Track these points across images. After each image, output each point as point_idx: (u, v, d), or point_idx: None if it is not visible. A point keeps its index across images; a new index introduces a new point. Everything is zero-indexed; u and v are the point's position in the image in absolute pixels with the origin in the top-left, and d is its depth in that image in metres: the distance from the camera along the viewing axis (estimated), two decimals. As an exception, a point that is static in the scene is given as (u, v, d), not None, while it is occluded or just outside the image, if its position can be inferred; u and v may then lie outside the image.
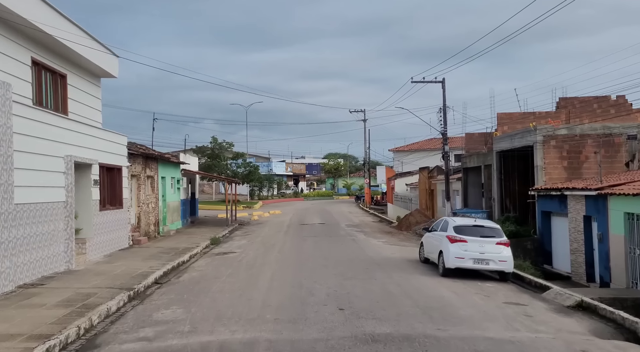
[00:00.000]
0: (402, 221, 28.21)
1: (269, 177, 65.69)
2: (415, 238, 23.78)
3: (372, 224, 31.87)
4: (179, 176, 29.18)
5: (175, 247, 19.81)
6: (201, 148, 49.78)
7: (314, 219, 35.83)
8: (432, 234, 15.10)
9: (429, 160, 57.76)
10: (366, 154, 60.46)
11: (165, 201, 26.23)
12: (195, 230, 27.72)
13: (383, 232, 26.60)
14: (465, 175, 30.29)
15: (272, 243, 21.51)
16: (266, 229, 28.95)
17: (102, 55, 18.55)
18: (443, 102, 27.63)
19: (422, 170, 42.24)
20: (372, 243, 21.27)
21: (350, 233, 25.51)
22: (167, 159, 25.21)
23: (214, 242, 22.37)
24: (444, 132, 27.86)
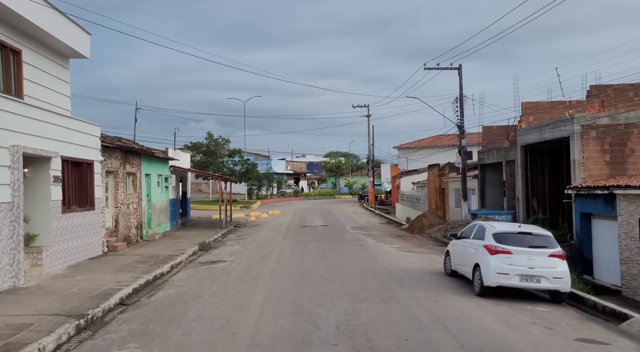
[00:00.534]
0: (414, 223, 25.46)
1: (268, 176, 62.89)
2: (431, 243, 21.04)
3: (380, 226, 29.12)
4: (167, 173, 26.44)
5: (157, 255, 17.09)
6: (196, 144, 47.02)
7: (315, 220, 33.09)
8: (463, 243, 12.34)
9: (436, 157, 55.08)
10: (370, 151, 57.70)
11: (150, 201, 23.50)
12: (184, 233, 24.98)
13: (393, 235, 23.86)
14: (483, 172, 27.54)
15: (268, 249, 18.78)
16: (263, 232, 26.22)
17: (69, 30, 15.82)
18: (460, 91, 24.87)
19: (431, 168, 39.49)
20: (383, 249, 18.53)
21: (357, 237, 22.77)
22: (151, 154, 22.47)
23: (202, 248, 19.65)
24: (460, 125, 25.10)
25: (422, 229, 24.47)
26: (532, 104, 23.15)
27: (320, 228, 27.44)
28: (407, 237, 22.88)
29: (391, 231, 26.03)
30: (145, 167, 22.59)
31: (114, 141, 17.97)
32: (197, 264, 15.97)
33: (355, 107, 56.94)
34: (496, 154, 25.19)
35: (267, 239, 22.43)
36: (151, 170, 23.59)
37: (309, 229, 27.24)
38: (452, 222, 22.68)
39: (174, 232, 25.62)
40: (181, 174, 30.42)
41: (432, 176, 39.02)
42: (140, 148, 21.04)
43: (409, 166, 59.72)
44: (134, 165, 21.00)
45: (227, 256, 17.57)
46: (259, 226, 30.25)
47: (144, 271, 14.06)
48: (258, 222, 32.56)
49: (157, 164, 24.62)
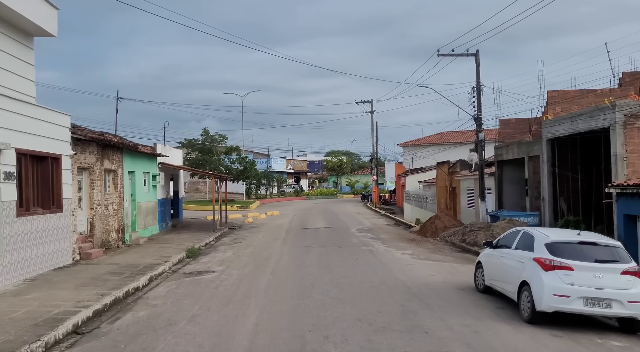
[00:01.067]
0: (427, 226, 23.14)
1: (268, 174, 60.53)
2: (447, 248, 18.72)
3: (388, 229, 26.78)
4: (155, 170, 24.14)
5: (135, 264, 14.79)
6: (191, 141, 44.66)
7: (318, 221, 30.77)
8: (502, 253, 9.99)
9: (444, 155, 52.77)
10: (374, 148, 55.37)
11: (134, 202, 21.19)
12: (173, 237, 22.68)
13: (404, 239, 21.54)
14: (500, 169, 25.22)
15: (265, 257, 16.47)
16: (260, 235, 23.91)
17: (32, 3, 13.53)
18: (477, 80, 22.54)
19: (440, 166, 37.19)
20: (396, 257, 16.21)
21: (364, 241, 20.45)
22: (134, 149, 20.14)
23: (190, 254, 17.36)
24: (477, 116, 22.74)
25: (436, 232, 22.14)
26: (559, 92, 20.82)
27: (322, 231, 25.13)
28: (419, 242, 20.55)
29: (401, 234, 23.70)
30: (128, 164, 20.29)
31: (87, 133, 15.65)
32: (180, 276, 13.66)
33: (359, 103, 54.63)
34: (517, 149, 22.85)
35: (264, 244, 20.13)
36: (136, 168, 21.29)
37: (311, 231, 24.93)
38: (470, 225, 20.36)
39: (162, 235, 23.32)
40: (172, 171, 28.13)
41: (441, 174, 36.71)
42: (120, 142, 18.73)
43: (414, 164, 57.46)
44: (114, 162, 18.69)
45: (216, 264, 15.26)
46: (256, 228, 27.94)
47: (115, 285, 11.76)
48: (255, 224, 30.25)
49: (143, 161, 22.32)
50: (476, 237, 17.98)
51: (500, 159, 24.91)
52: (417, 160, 57.23)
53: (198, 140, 44.80)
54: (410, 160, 58.57)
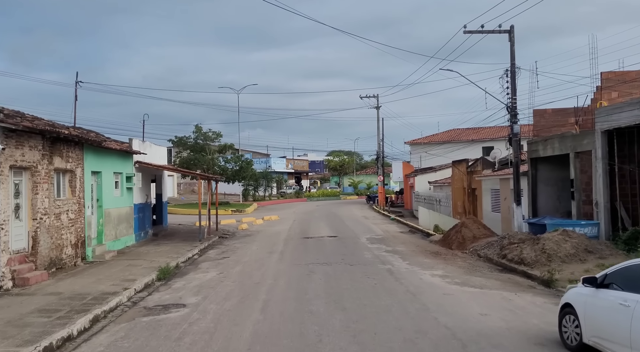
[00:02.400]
0: (451, 235, 19.47)
1: (266, 175, 56.75)
2: (484, 266, 15.06)
3: (404, 238, 23.08)
4: (130, 170, 20.52)
5: (84, 293, 11.19)
6: (181, 139, 40.93)
7: (321, 228, 27.10)
8: (621, 299, 6.31)
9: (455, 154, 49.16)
10: (379, 146, 51.69)
11: (101, 208, 17.58)
12: (150, 249, 19.06)
13: (427, 253, 17.86)
14: (534, 168, 21.53)
15: (255, 281, 12.83)
16: (254, 246, 20.28)
17: None
18: (511, 61, 18.83)
19: (456, 164, 33.55)
20: (425, 281, 12.53)
21: (380, 256, 16.77)
22: (97, 144, 16.47)
23: (163, 275, 13.74)
24: (511, 105, 19.04)
25: (463, 244, 18.49)
26: (616, 74, 17.23)
27: (327, 241, 21.47)
28: (447, 257, 16.88)
29: (421, 246, 20.02)
30: (91, 162, 16.67)
31: (22, 120, 11.95)
32: (138, 313, 10.01)
33: (364, 98, 51.01)
34: (558, 143, 19.17)
35: (256, 260, 16.48)
36: (103, 167, 17.67)
37: (313, 242, 21.27)
38: (508, 236, 16.68)
39: (137, 247, 19.69)
40: (154, 172, 24.51)
41: (457, 173, 33.06)
42: (79, 135, 15.06)
43: (423, 164, 53.84)
44: (70, 160, 15.06)
45: (191, 293, 11.61)
46: (250, 236, 24.29)
47: (34, 335, 8.16)
48: (250, 231, 26.60)
49: (113, 159, 18.70)
50: (521, 252, 14.32)
51: (535, 156, 21.24)
52: (426, 160, 53.63)
53: (190, 138, 41.12)
54: (418, 160, 54.94)
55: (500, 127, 53.16)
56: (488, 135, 52.87)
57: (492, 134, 52.87)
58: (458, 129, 56.38)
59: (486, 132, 53.70)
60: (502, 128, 53.51)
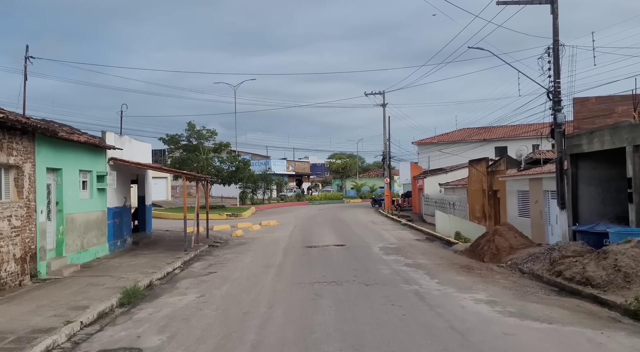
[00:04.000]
0: (482, 245, 16.37)
1: (265, 177, 53.57)
2: (535, 286, 11.94)
3: (422, 247, 19.95)
4: (102, 168, 17.48)
5: (5, 332, 8.13)
6: (173, 138, 37.78)
7: (325, 235, 24.02)
8: None
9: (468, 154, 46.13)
10: (386, 146, 48.65)
11: (62, 213, 14.53)
12: (124, 262, 16.01)
13: (455, 266, 14.76)
14: (574, 166, 18.44)
15: (244, 309, 9.74)
16: (248, 258, 17.20)
17: None
18: (554, 37, 15.78)
19: (474, 164, 30.45)
20: (468, 309, 9.42)
21: (399, 271, 13.67)
22: (52, 134, 13.34)
23: (127, 299, 10.69)
24: (554, 89, 15.95)
25: (498, 255, 15.40)
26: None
27: (334, 251, 18.39)
28: (482, 272, 13.77)
29: (445, 256, 16.91)
30: (47, 157, 13.63)
31: None
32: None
33: (369, 95, 48.06)
34: (609, 135, 16.06)
35: (248, 277, 13.40)
36: (64, 163, 14.62)
37: (318, 252, 18.20)
38: (558, 247, 13.57)
39: (110, 259, 16.62)
40: (136, 171, 21.48)
41: (476, 174, 29.97)
42: (24, 121, 11.96)
43: (431, 165, 50.80)
44: (14, 152, 12.01)
45: (155, 329, 8.53)
46: (245, 244, 21.21)
47: None
48: (245, 239, 23.53)
49: (78, 154, 15.65)
50: (584, 269, 11.23)
51: (576, 153, 18.14)
52: (435, 160, 50.59)
53: (182, 136, 38.02)
54: (426, 161, 51.88)
55: (515, 125, 50.22)
56: (501, 135, 49.83)
57: (506, 134, 49.85)
58: (469, 129, 53.34)
59: (499, 131, 50.66)
60: (516, 127, 50.52)
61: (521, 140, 48.37)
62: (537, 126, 50.03)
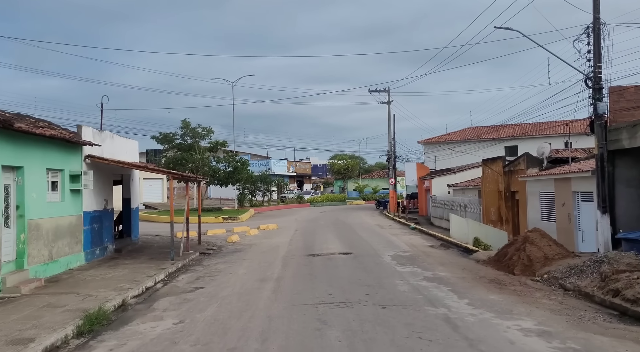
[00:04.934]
0: (510, 254, 14.22)
1: (265, 177, 51.39)
2: (589, 310, 9.80)
3: (438, 255, 17.78)
4: (77, 167, 15.41)
5: None
6: (167, 136, 35.61)
7: (329, 240, 21.92)
8: None
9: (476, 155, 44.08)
10: (391, 145, 46.53)
11: (23, 218, 12.44)
12: (99, 274, 13.92)
13: (482, 280, 12.64)
14: (611, 165, 16.32)
15: (230, 345, 7.65)
16: (241, 269, 15.09)
17: None
18: (594, 14, 13.67)
19: (488, 163, 28.35)
20: (524, 348, 7.32)
21: (419, 288, 11.54)
22: (7, 125, 11.21)
23: (87, 326, 8.63)
24: (595, 76, 13.82)
25: (530, 267, 13.29)
26: None
27: (340, 260, 16.28)
28: (517, 288, 11.63)
29: (467, 267, 14.76)
30: (3, 154, 11.54)
31: None
32: None
33: (373, 92, 45.95)
34: (657, 129, 14.01)
35: (240, 294, 11.30)
36: (26, 161, 12.55)
37: (322, 261, 16.09)
38: (609, 258, 11.46)
39: (84, 270, 14.53)
40: (120, 171, 19.40)
41: (490, 174, 27.85)
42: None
43: (437, 165, 48.71)
44: (-44, 146, 9.92)
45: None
46: (239, 252, 19.11)
47: None
48: (241, 245, 21.43)
49: (46, 150, 13.57)
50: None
51: (614, 149, 16.02)
52: (441, 161, 48.52)
53: (176, 134, 35.87)
54: (432, 160, 49.80)
55: (526, 124, 48.08)
56: (511, 134, 47.70)
57: (516, 132, 47.73)
58: (477, 127, 51.26)
59: (509, 130, 48.54)
60: (527, 125, 48.40)
61: (533, 139, 46.35)
62: (549, 124, 47.99)
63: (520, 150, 42.04)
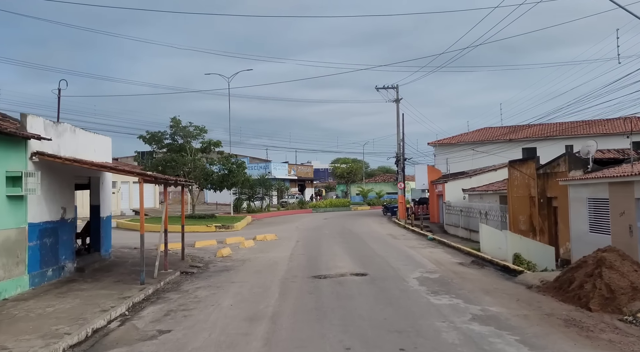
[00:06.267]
0: (580, 282, 10.80)
1: (264, 181, 47.91)
2: None
3: (475, 277, 14.26)
4: (19, 166, 12.08)
5: None
6: (155, 135, 32.14)
7: (337, 255, 18.52)
8: None
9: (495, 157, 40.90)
10: (399, 146, 43.15)
11: None
12: (39, 306, 10.55)
13: (553, 319, 9.27)
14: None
15: None
16: (227, 299, 11.66)
17: None
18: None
19: (517, 165, 24.93)
20: None
21: (472, 336, 8.16)
22: None
23: None
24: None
25: (613, 300, 9.90)
26: None
27: (354, 285, 12.86)
28: (611, 337, 8.25)
29: (521, 297, 11.33)
30: None
31: None
32: None
33: (380, 89, 42.61)
34: None
35: (219, 345, 7.91)
36: None
37: (330, 287, 12.69)
38: None
39: (22, 301, 11.14)
40: (84, 172, 16.04)
41: (519, 177, 24.44)
42: None
43: (450, 168, 45.36)
44: None
45: None
46: (228, 272, 15.70)
47: None
48: (233, 261, 18.02)
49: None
50: None
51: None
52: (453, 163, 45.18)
53: (165, 133, 32.47)
54: (443, 163, 46.44)
55: (544, 124, 44.73)
56: (530, 134, 44.29)
57: (536, 133, 44.33)
58: (492, 128, 47.91)
59: (527, 131, 45.15)
60: (546, 126, 45.02)
61: (554, 141, 43.02)
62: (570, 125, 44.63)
63: (539, 153, 38.75)
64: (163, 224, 15.63)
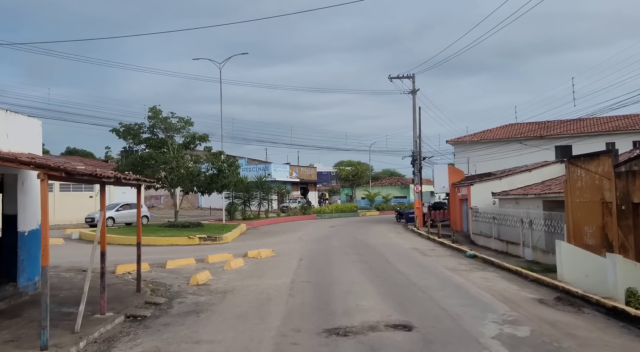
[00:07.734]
0: None
1: (262, 184, 42.52)
2: None
3: (584, 335, 9.02)
4: None
5: None
6: (130, 128, 26.72)
7: (357, 285, 13.23)
8: None
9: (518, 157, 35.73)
10: (416, 144, 37.89)
11: None
12: None
13: None
14: None
15: None
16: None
17: None
18: None
19: (581, 162, 19.52)
20: None
21: None
22: None
23: None
24: None
25: None
26: None
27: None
28: None
29: None
30: None
31: None
32: None
33: (394, 79, 37.42)
34: None
35: None
36: None
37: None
38: None
39: None
40: None
41: (585, 177, 19.05)
42: None
43: (470, 169, 40.18)
44: None
45: None
46: (198, 316, 10.41)
47: None
48: (209, 294, 12.71)
49: None
50: None
51: None
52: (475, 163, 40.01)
53: (143, 126, 27.16)
54: (463, 163, 41.25)
55: (583, 119, 39.62)
56: (565, 130, 38.99)
57: (573, 129, 39.02)
58: (519, 124, 42.64)
59: (561, 127, 39.83)
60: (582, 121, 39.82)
61: (592, 138, 37.84)
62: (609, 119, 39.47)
63: (575, 152, 33.69)
64: (98, 236, 10.45)
